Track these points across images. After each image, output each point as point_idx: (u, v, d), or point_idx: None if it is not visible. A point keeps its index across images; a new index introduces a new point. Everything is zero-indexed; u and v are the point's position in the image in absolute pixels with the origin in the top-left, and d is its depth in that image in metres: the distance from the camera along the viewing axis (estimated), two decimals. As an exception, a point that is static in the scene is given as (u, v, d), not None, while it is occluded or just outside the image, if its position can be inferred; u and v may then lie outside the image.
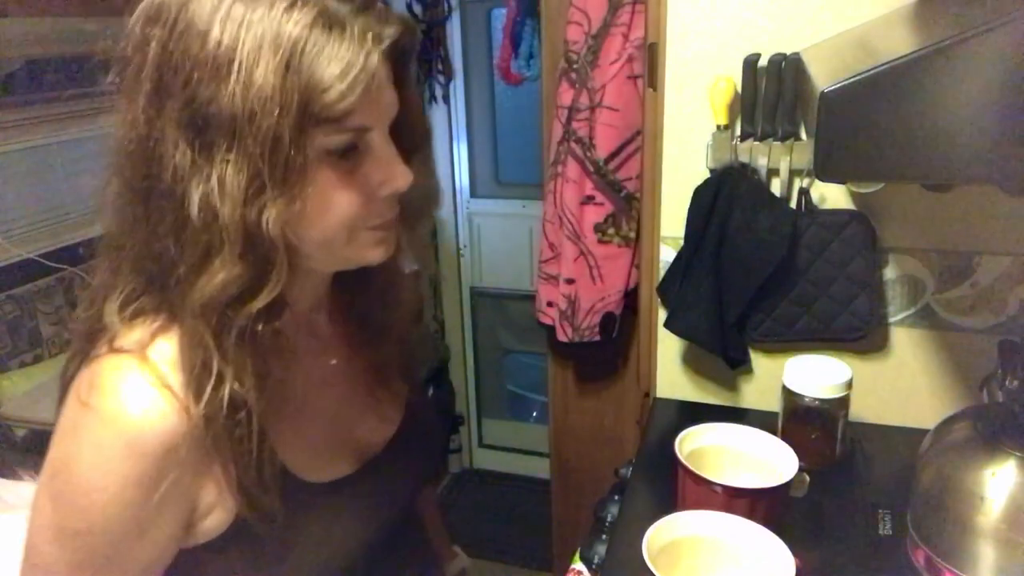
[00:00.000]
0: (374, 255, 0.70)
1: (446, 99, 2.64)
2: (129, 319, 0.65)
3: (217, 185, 0.59)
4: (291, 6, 0.58)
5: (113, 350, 0.63)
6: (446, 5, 2.51)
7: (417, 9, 2.47)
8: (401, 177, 0.66)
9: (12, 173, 1.82)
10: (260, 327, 0.63)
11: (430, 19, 2.50)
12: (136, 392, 0.61)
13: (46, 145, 1.90)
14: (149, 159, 0.61)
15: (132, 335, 0.64)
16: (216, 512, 0.67)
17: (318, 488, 0.73)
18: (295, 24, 0.57)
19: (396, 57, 0.65)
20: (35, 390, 1.78)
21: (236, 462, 0.65)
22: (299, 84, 0.57)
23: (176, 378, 0.62)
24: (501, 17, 2.35)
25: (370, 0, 0.62)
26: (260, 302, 0.62)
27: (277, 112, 0.57)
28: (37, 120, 1.87)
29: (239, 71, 0.57)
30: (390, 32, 0.62)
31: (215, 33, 0.58)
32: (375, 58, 0.60)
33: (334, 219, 0.65)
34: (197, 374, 0.62)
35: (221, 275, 0.60)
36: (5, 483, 1.51)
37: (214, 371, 0.62)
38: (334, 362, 0.80)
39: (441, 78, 2.60)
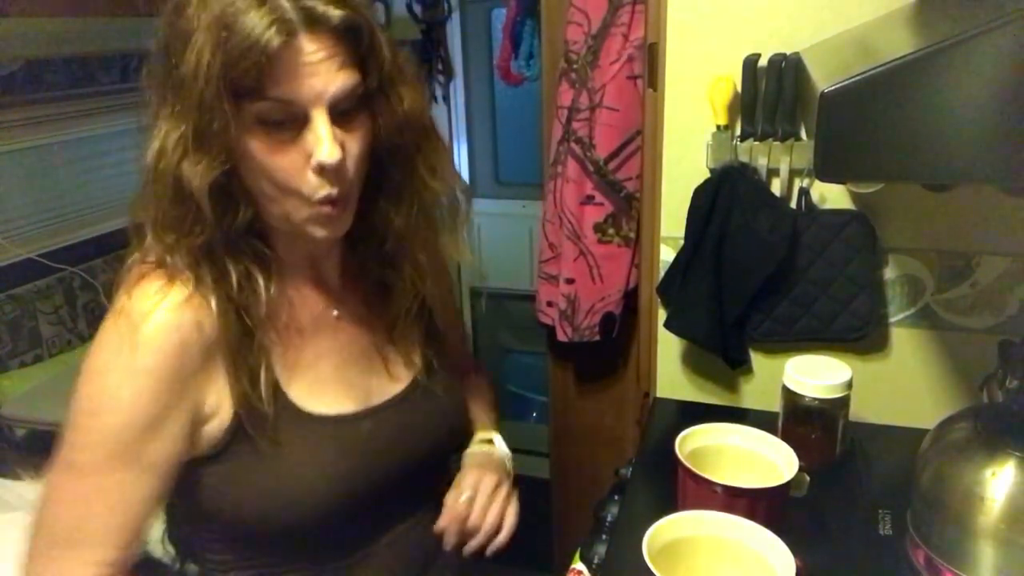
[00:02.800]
0: (316, 231, 0.76)
1: (446, 99, 2.64)
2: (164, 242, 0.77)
3: (158, 139, 0.72)
4: None
5: (146, 260, 0.76)
6: (446, 5, 2.51)
7: (417, 9, 2.47)
8: (324, 152, 0.71)
9: (12, 173, 1.82)
10: (226, 258, 0.76)
11: (430, 19, 2.50)
12: (157, 296, 0.74)
13: (46, 145, 1.90)
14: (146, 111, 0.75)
15: (163, 253, 0.76)
16: (217, 417, 0.77)
17: (317, 418, 0.81)
18: (232, 5, 0.67)
19: (349, 40, 0.72)
20: (35, 390, 1.78)
21: (236, 369, 0.76)
22: (222, 59, 0.67)
23: (192, 289, 0.75)
24: (501, 17, 2.35)
25: None
26: (199, 239, 0.74)
27: (204, 81, 0.67)
28: (37, 120, 1.87)
29: (192, 44, 0.68)
30: (327, 14, 0.69)
31: (189, 10, 0.69)
32: (276, 40, 0.67)
33: (270, 182, 0.73)
34: (202, 286, 0.75)
35: (155, 213, 0.74)
36: (5, 483, 1.51)
37: (210, 281, 0.75)
38: (335, 313, 0.87)
39: (441, 78, 2.60)
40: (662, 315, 1.33)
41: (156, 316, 0.73)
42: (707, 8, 1.19)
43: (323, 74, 0.70)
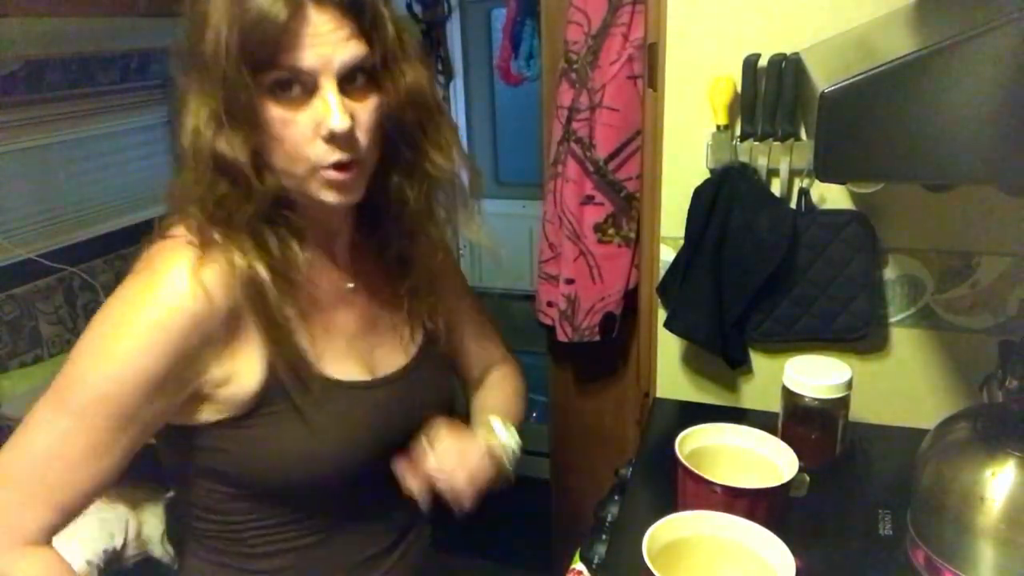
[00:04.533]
0: (327, 196, 0.78)
1: (446, 99, 2.64)
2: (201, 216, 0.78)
3: (191, 119, 0.75)
4: None
5: (170, 235, 0.78)
6: (446, 5, 2.51)
7: (417, 9, 2.47)
8: (335, 120, 0.73)
9: (12, 173, 1.82)
10: (264, 227, 0.78)
11: (430, 19, 2.50)
12: (185, 262, 0.75)
13: (46, 145, 1.90)
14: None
15: (209, 221, 0.77)
16: (239, 383, 0.79)
17: (339, 384, 0.85)
18: None
19: (355, 13, 0.75)
20: (35, 390, 1.76)
21: (270, 336, 0.79)
22: (238, 35, 0.70)
23: (214, 265, 0.76)
24: (501, 17, 2.35)
25: None
26: (249, 209, 0.76)
27: (224, 57, 0.71)
28: (37, 120, 1.87)
29: (210, 24, 0.71)
30: None
31: None
32: (284, 12, 0.70)
33: (284, 152, 0.76)
34: (224, 262, 0.76)
35: (200, 188, 0.76)
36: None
37: (235, 260, 0.77)
38: (351, 286, 0.90)
39: (441, 78, 2.60)
40: (662, 315, 1.33)
41: (180, 277, 0.75)
42: (707, 8, 1.19)
43: (331, 44, 0.73)
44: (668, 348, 1.38)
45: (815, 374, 1.11)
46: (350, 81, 0.75)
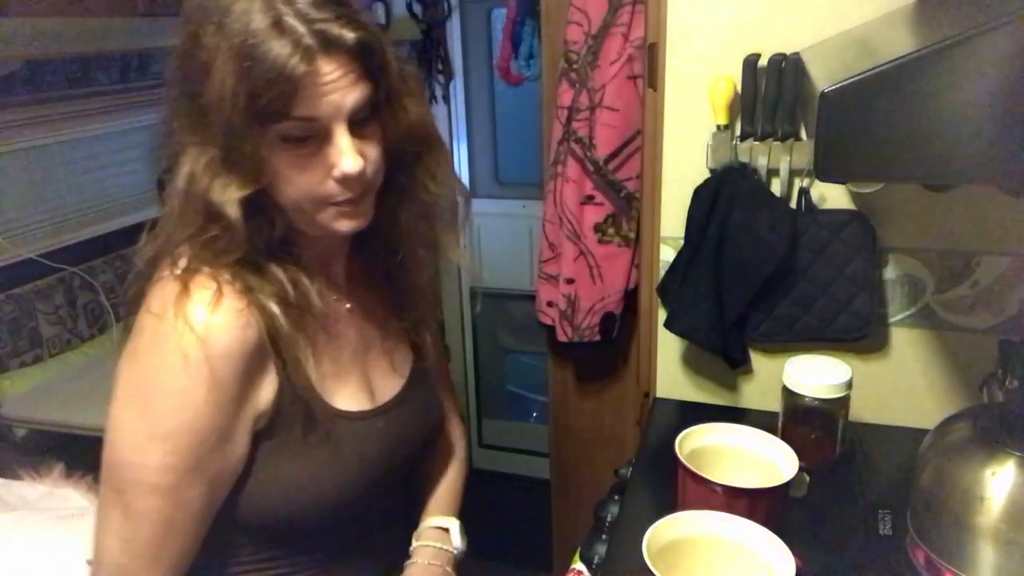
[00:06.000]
0: (339, 226, 0.81)
1: (446, 99, 2.64)
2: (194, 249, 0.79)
3: (189, 164, 0.76)
4: (255, 15, 0.71)
5: (185, 270, 0.77)
6: (446, 5, 2.51)
7: (417, 9, 2.47)
8: (348, 164, 0.76)
9: (12, 173, 1.82)
10: (270, 262, 0.80)
11: (430, 19, 2.50)
12: (211, 304, 0.75)
13: (46, 145, 1.90)
14: (169, 132, 0.78)
15: (195, 260, 0.78)
16: (265, 415, 0.80)
17: (340, 414, 0.85)
18: (253, 36, 0.70)
19: (361, 55, 0.76)
20: (35, 390, 1.77)
21: (286, 368, 0.79)
22: (247, 88, 0.71)
23: (241, 293, 0.77)
24: (501, 17, 2.35)
25: (324, 7, 0.74)
26: (235, 255, 0.77)
27: (230, 108, 0.71)
28: (37, 120, 1.87)
29: (213, 74, 0.72)
30: (342, 36, 0.73)
31: (207, 40, 0.72)
32: (302, 67, 0.71)
33: (296, 193, 0.78)
34: (237, 298, 0.77)
35: (191, 235, 0.77)
36: (5, 483, 1.51)
37: (247, 295, 0.77)
38: (348, 306, 0.92)
39: (441, 78, 2.59)
40: (662, 315, 1.33)
41: (220, 327, 0.75)
42: (707, 8, 1.19)
43: (341, 90, 0.74)
44: (668, 348, 1.38)
45: (815, 374, 1.11)
46: (356, 119, 0.77)
